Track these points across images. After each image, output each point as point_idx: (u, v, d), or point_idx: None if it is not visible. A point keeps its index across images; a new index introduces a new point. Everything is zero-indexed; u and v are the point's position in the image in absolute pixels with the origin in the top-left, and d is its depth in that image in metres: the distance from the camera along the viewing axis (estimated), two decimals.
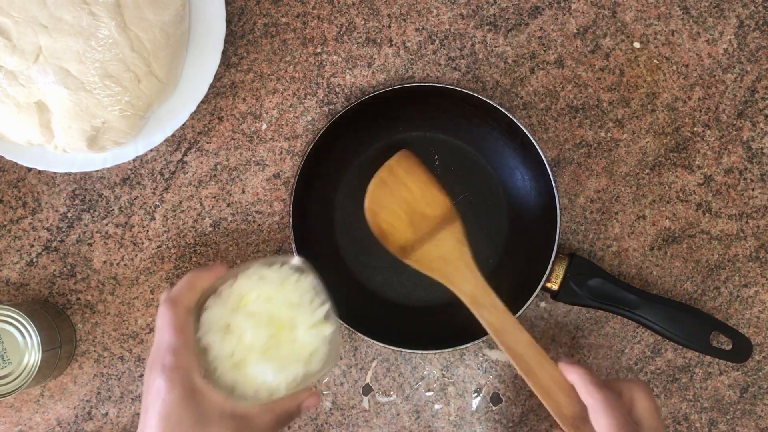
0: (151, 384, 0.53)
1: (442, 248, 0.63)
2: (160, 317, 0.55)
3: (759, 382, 0.73)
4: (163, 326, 0.55)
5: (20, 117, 0.63)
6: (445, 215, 0.65)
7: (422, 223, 0.65)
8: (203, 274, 0.58)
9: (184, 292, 0.56)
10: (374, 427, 0.72)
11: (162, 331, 0.55)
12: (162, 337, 0.54)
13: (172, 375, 0.52)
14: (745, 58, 0.73)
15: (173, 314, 0.55)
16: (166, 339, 0.54)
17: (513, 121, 0.68)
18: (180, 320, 0.55)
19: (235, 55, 0.72)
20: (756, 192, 0.73)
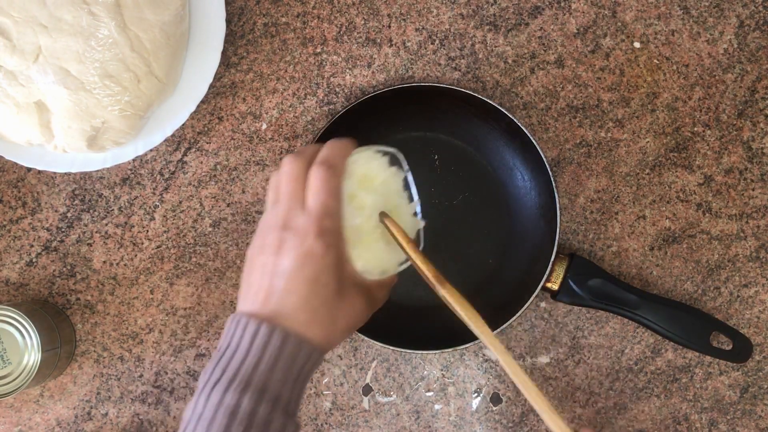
0: (294, 246, 0.51)
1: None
2: (317, 179, 0.52)
3: (759, 383, 0.73)
4: (322, 189, 0.52)
5: (20, 117, 0.63)
6: None
7: None
8: (346, 145, 0.56)
9: (338, 158, 0.54)
10: (374, 427, 0.72)
11: (320, 193, 0.52)
12: (320, 199, 0.52)
13: (329, 239, 0.52)
14: (746, 58, 0.73)
15: (332, 178, 0.53)
16: (326, 202, 0.52)
17: (513, 121, 0.68)
18: (337, 185, 0.53)
19: (235, 55, 0.72)
20: (756, 192, 0.73)
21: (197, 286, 0.72)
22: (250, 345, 0.50)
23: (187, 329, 0.72)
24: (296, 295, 0.51)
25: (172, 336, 0.72)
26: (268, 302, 0.51)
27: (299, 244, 0.51)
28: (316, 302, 0.52)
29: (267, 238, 0.52)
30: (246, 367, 0.49)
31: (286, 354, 0.50)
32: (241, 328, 0.50)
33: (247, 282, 0.53)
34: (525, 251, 0.71)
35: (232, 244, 0.72)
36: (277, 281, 0.51)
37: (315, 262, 0.51)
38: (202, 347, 0.72)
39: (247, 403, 0.48)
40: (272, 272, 0.51)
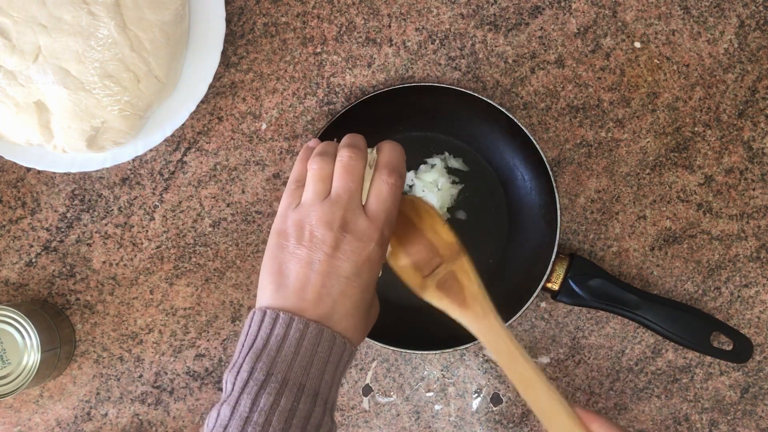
0: (355, 251, 0.50)
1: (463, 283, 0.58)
2: (389, 186, 0.52)
3: (760, 383, 0.73)
4: (390, 197, 0.52)
5: (20, 117, 0.63)
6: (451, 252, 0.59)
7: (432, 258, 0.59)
8: (403, 151, 0.56)
9: (403, 167, 0.54)
10: (374, 427, 0.72)
11: (388, 201, 0.52)
12: (386, 206, 0.52)
13: (385, 248, 0.53)
14: (746, 58, 0.72)
15: (401, 188, 0.53)
16: (391, 211, 0.52)
17: (513, 121, 0.68)
18: (401, 195, 0.54)
19: (234, 55, 0.71)
20: (757, 192, 0.73)
21: (197, 287, 0.72)
22: (298, 345, 0.48)
23: (186, 329, 0.72)
24: (350, 301, 0.50)
25: (172, 336, 0.72)
26: (320, 303, 0.49)
27: (361, 250, 0.50)
28: (363, 309, 0.51)
29: (316, 231, 0.50)
30: (297, 368, 0.47)
31: (335, 357, 0.49)
32: (293, 328, 0.48)
33: (279, 272, 0.50)
34: (525, 251, 0.71)
35: (232, 244, 0.72)
36: (334, 284, 0.49)
37: (371, 270, 0.51)
38: (202, 347, 0.72)
39: (303, 407, 0.47)
40: (327, 272, 0.49)
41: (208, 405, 0.72)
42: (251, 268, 0.72)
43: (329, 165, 0.53)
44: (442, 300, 0.56)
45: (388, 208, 0.52)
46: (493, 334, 0.55)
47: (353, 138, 0.55)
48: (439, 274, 0.56)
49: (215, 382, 0.72)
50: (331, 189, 0.52)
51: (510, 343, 0.54)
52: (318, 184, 0.52)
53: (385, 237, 0.52)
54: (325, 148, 0.54)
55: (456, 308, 0.55)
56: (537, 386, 0.53)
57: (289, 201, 0.53)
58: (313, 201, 0.52)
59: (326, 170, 0.52)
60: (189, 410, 0.72)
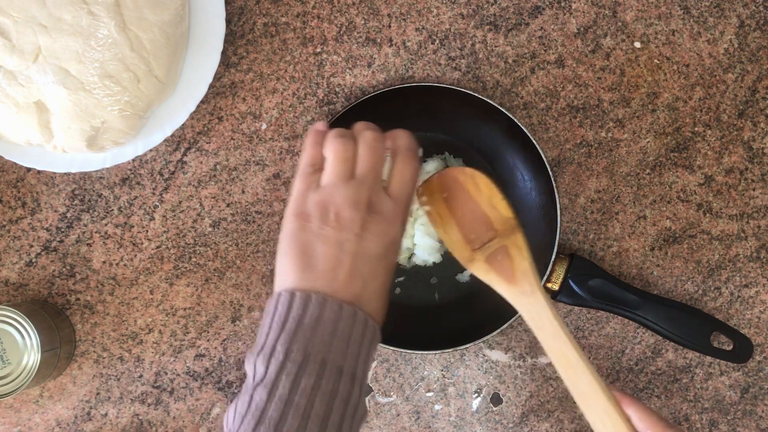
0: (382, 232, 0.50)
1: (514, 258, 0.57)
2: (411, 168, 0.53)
3: (760, 383, 0.73)
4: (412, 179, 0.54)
5: (20, 117, 0.63)
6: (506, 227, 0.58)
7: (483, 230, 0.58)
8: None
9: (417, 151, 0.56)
10: (374, 427, 0.72)
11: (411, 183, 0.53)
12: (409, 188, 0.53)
13: (405, 229, 0.53)
14: (746, 58, 0.72)
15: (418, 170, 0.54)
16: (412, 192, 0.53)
17: (513, 121, 0.68)
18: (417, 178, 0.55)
19: (234, 55, 0.71)
20: (757, 192, 0.73)
21: (197, 287, 0.72)
22: (334, 327, 0.47)
23: (186, 329, 0.72)
24: (378, 282, 0.50)
25: (172, 336, 0.71)
26: (351, 284, 0.48)
27: (387, 231, 0.50)
28: (387, 289, 0.51)
29: (343, 212, 0.49)
30: (335, 350, 0.46)
31: (368, 339, 0.48)
32: (327, 309, 0.47)
33: (304, 253, 0.49)
34: None
35: (232, 245, 0.72)
36: (363, 265, 0.49)
37: (396, 250, 0.51)
38: (202, 347, 0.72)
39: (343, 388, 0.46)
40: (355, 252, 0.49)
41: (209, 405, 0.72)
42: (251, 268, 0.72)
43: (352, 146, 0.52)
44: (489, 273, 0.56)
45: (410, 191, 0.52)
46: (538, 310, 0.55)
47: (368, 124, 0.55)
48: (490, 248, 0.56)
49: (215, 382, 0.72)
50: (356, 169, 0.51)
51: (555, 321, 0.54)
52: (341, 164, 0.51)
53: (406, 219, 0.52)
54: (343, 131, 0.54)
55: (503, 283, 0.56)
56: (578, 367, 0.53)
57: (306, 184, 0.52)
58: (336, 182, 0.51)
59: (350, 151, 0.52)
60: (189, 410, 0.72)
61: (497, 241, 0.56)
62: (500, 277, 0.56)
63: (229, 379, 0.72)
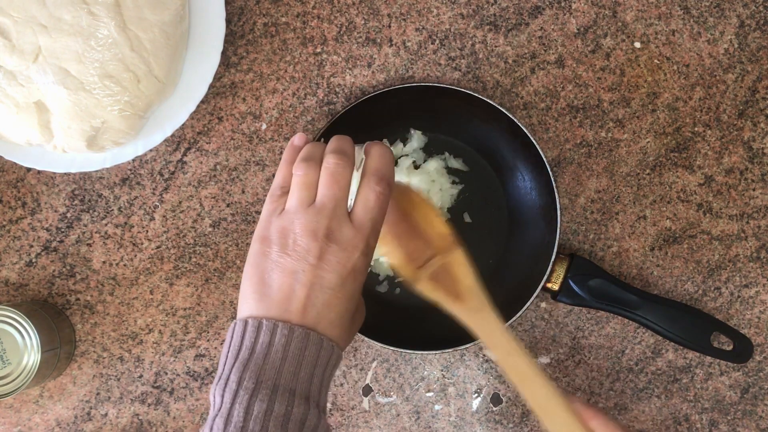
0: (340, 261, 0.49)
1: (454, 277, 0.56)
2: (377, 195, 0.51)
3: (760, 383, 0.73)
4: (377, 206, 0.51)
5: (20, 117, 0.63)
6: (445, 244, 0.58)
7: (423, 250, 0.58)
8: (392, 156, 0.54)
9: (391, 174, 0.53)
10: (374, 427, 0.72)
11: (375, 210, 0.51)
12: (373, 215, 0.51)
13: (371, 256, 0.51)
14: (746, 58, 0.72)
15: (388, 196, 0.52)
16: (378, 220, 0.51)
17: (513, 121, 0.68)
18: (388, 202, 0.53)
19: (234, 55, 0.71)
20: (757, 192, 0.73)
21: (197, 287, 0.72)
22: (285, 350, 0.47)
23: (186, 329, 0.72)
24: (335, 311, 0.49)
25: (172, 336, 0.71)
26: (306, 314, 0.48)
27: (345, 260, 0.49)
28: (347, 317, 0.51)
29: (300, 240, 0.49)
30: (286, 373, 0.47)
31: (323, 359, 0.48)
32: (278, 334, 0.47)
33: (262, 281, 0.49)
34: (525, 252, 0.71)
35: (232, 245, 0.72)
36: (318, 295, 0.49)
37: (356, 279, 0.50)
38: (202, 347, 0.72)
39: (297, 410, 0.46)
40: (311, 283, 0.49)
41: (208, 405, 0.72)
42: None
43: (315, 171, 0.51)
44: (436, 292, 0.55)
45: (375, 217, 0.50)
46: (489, 328, 0.54)
47: (340, 141, 0.53)
48: (432, 266, 0.55)
49: None
50: (317, 196, 0.50)
51: (506, 337, 0.54)
52: (303, 191, 0.51)
53: (371, 246, 0.51)
54: (311, 152, 0.52)
55: (450, 301, 0.55)
56: (534, 381, 0.52)
57: (273, 207, 0.52)
58: (298, 208, 0.50)
59: (311, 177, 0.51)
60: (189, 410, 0.72)
61: (438, 259, 0.55)
62: (447, 295, 0.55)
63: None
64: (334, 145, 0.53)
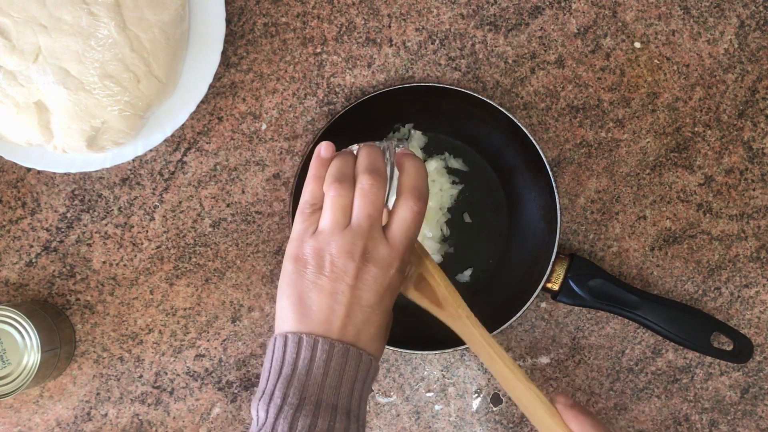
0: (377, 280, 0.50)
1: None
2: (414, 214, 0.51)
3: (760, 383, 0.73)
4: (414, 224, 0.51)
5: (20, 117, 0.63)
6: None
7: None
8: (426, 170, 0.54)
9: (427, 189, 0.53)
10: (374, 427, 0.72)
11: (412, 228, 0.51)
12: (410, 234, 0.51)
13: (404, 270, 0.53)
14: (746, 58, 0.72)
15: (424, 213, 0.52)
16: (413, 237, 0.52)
17: (513, 121, 0.68)
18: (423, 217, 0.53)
19: (234, 55, 0.71)
20: (757, 192, 0.73)
21: (197, 287, 0.72)
22: (326, 366, 0.48)
23: (186, 330, 0.72)
24: (375, 327, 0.50)
25: (172, 336, 0.71)
26: (346, 331, 0.49)
27: (382, 279, 0.50)
28: (385, 329, 0.52)
29: (337, 261, 0.49)
30: (328, 389, 0.48)
31: (362, 374, 0.50)
32: (318, 350, 0.48)
33: (301, 301, 0.50)
34: (525, 252, 0.71)
35: (232, 245, 0.72)
36: (358, 313, 0.50)
37: (392, 294, 0.51)
38: (202, 348, 0.72)
39: (339, 426, 0.47)
40: (350, 302, 0.49)
41: (209, 405, 0.72)
42: (251, 268, 0.72)
43: (349, 192, 0.51)
44: (422, 300, 0.57)
45: (411, 235, 0.51)
46: (470, 333, 0.56)
47: (371, 157, 0.53)
48: (411, 277, 0.57)
49: (215, 382, 0.72)
50: (352, 217, 0.51)
51: (485, 342, 0.56)
52: (338, 212, 0.51)
53: (405, 261, 0.51)
54: (343, 170, 0.52)
55: (434, 308, 0.57)
56: (516, 384, 0.55)
57: (306, 225, 0.52)
58: (333, 230, 0.50)
59: (346, 198, 0.51)
60: (189, 410, 0.72)
61: (414, 270, 0.57)
62: (431, 303, 0.57)
63: (229, 379, 0.72)
64: (367, 162, 0.52)
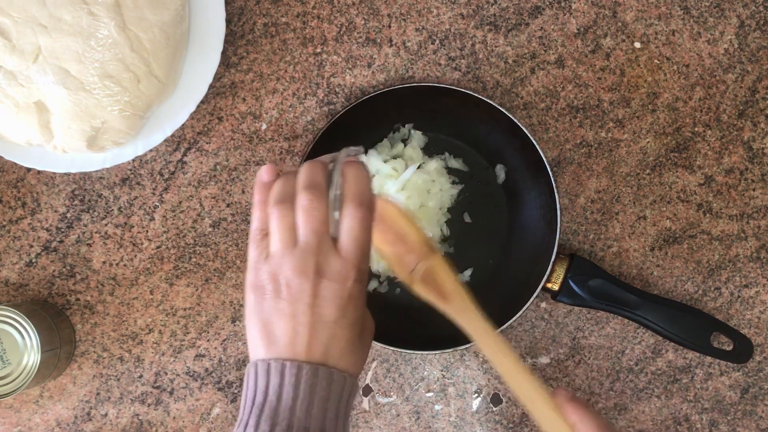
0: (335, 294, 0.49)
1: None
2: (359, 221, 0.50)
3: (760, 383, 0.73)
4: (362, 232, 0.50)
5: (20, 117, 0.63)
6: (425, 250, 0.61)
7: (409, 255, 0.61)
8: (368, 174, 0.53)
9: (370, 193, 0.52)
10: (374, 427, 0.72)
11: (360, 237, 0.50)
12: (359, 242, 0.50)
13: (365, 281, 0.51)
14: (746, 58, 0.72)
15: (371, 219, 0.51)
16: (365, 245, 0.51)
17: (513, 121, 0.68)
18: (372, 224, 0.52)
19: (234, 55, 0.71)
20: (757, 192, 0.73)
21: (197, 287, 0.72)
22: (295, 390, 0.48)
23: (186, 330, 0.72)
24: (343, 341, 0.50)
25: (172, 336, 0.71)
26: (312, 351, 0.49)
27: (341, 292, 0.49)
28: (355, 342, 0.51)
29: (292, 283, 0.49)
30: (299, 412, 0.48)
31: (335, 393, 0.49)
32: (287, 374, 0.48)
33: (265, 329, 0.50)
34: (525, 252, 0.71)
35: (232, 245, 0.72)
36: (322, 331, 0.49)
37: (356, 306, 0.50)
38: (202, 348, 0.72)
39: None
40: (311, 322, 0.49)
41: (208, 405, 0.72)
42: None
43: (290, 211, 0.51)
44: (428, 294, 0.58)
45: (362, 243, 0.50)
46: (474, 327, 0.57)
47: (310, 172, 0.52)
48: (419, 271, 0.57)
49: (215, 382, 0.72)
50: (299, 235, 0.51)
51: (491, 336, 0.56)
52: (284, 233, 0.51)
53: (363, 270, 0.51)
54: (282, 191, 0.52)
55: (441, 302, 0.57)
56: (518, 377, 0.56)
57: (258, 252, 0.52)
58: (283, 252, 0.50)
59: (289, 218, 0.51)
60: (189, 410, 0.72)
61: (423, 264, 0.58)
62: (437, 296, 0.57)
63: (229, 379, 0.72)
64: (304, 179, 0.52)
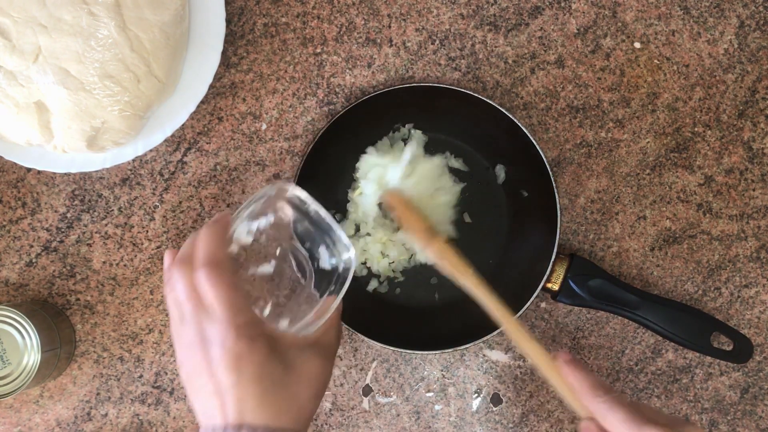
0: (221, 357, 0.50)
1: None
2: (207, 283, 0.51)
3: (760, 383, 0.73)
4: (216, 290, 0.51)
5: (20, 117, 0.63)
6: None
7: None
8: (216, 229, 0.54)
9: (216, 248, 0.53)
10: (374, 427, 0.72)
11: (218, 295, 0.51)
12: (220, 300, 0.51)
13: (250, 331, 0.50)
14: (746, 58, 0.72)
15: (219, 274, 0.51)
16: (227, 299, 0.51)
17: (513, 121, 0.68)
18: (228, 278, 0.51)
19: (234, 55, 0.71)
20: (757, 192, 0.73)
21: None
22: None
23: None
24: (252, 398, 0.50)
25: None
26: (227, 415, 0.50)
27: (225, 354, 0.50)
28: (273, 391, 0.51)
29: (193, 358, 0.51)
30: None
31: None
32: None
33: (196, 406, 0.52)
34: (525, 252, 0.71)
35: None
36: (227, 397, 0.50)
37: (250, 360, 0.50)
38: None
39: None
40: (216, 392, 0.50)
41: None
42: None
43: (172, 290, 0.54)
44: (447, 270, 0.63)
45: (224, 301, 0.51)
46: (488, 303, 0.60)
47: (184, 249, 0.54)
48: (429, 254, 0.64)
49: None
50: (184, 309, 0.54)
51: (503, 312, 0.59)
52: (173, 311, 0.54)
53: (242, 323, 0.50)
54: (169, 273, 0.55)
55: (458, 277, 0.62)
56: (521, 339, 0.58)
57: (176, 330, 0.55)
58: (178, 330, 0.54)
59: (173, 299, 0.54)
60: (189, 410, 0.72)
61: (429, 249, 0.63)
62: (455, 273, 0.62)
63: None
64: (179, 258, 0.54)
